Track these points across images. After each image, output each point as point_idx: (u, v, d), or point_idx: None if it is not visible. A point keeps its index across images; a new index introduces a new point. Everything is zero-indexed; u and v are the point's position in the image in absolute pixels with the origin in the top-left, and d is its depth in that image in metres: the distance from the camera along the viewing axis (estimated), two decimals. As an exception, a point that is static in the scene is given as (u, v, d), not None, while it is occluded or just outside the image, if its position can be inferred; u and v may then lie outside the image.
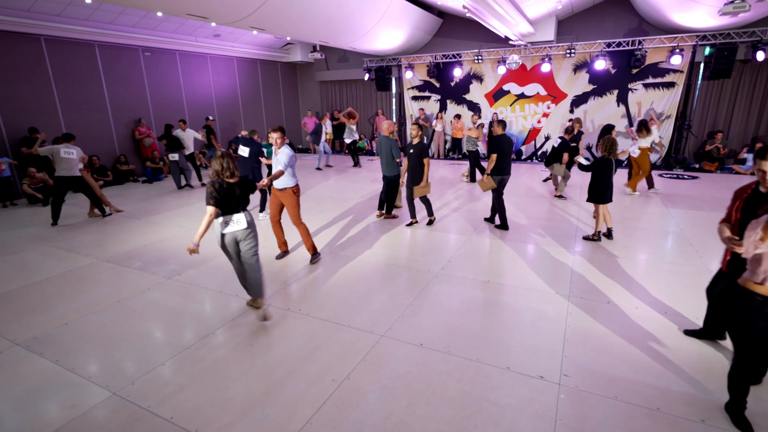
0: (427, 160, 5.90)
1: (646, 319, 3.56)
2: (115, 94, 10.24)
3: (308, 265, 4.88)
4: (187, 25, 10.73)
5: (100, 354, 3.26)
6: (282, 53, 14.64)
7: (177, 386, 2.85)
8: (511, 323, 3.54)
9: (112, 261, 5.15)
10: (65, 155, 6.52)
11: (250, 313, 3.81)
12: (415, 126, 5.87)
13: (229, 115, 13.42)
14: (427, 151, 6.03)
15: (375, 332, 3.44)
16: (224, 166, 3.40)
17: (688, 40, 9.83)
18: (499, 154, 5.77)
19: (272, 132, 4.64)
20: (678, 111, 10.49)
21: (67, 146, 6.58)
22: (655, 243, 5.38)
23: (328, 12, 8.57)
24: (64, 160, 6.52)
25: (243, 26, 8.33)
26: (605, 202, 5.29)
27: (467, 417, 2.51)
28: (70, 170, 6.59)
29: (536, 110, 12.03)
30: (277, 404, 2.65)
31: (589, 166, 5.37)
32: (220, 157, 3.43)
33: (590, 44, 10.78)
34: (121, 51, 10.23)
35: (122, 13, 9.32)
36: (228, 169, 3.41)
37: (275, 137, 4.63)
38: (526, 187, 8.91)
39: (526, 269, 4.67)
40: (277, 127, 4.67)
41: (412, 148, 5.88)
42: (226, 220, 3.46)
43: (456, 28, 12.50)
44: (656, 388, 2.71)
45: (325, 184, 9.64)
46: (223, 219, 3.45)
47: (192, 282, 4.48)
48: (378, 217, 6.72)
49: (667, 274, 4.45)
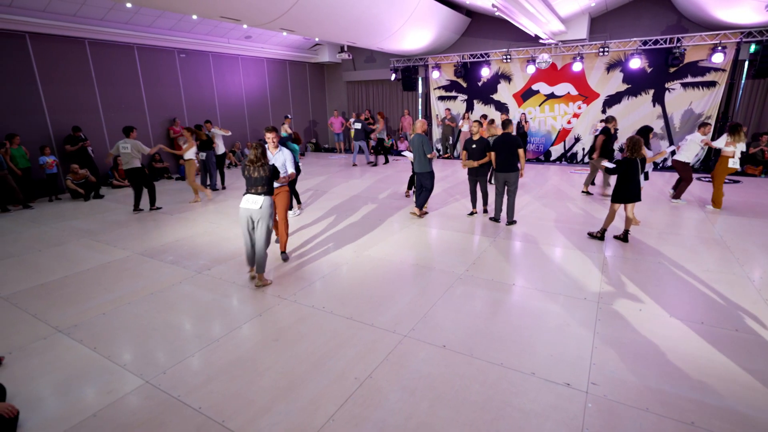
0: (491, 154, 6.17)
1: (680, 328, 3.41)
2: (152, 95, 10.68)
3: (330, 266, 4.93)
4: (221, 27, 11.06)
5: (134, 343, 3.41)
6: (310, 54, 14.86)
7: (206, 377, 2.94)
8: (536, 328, 3.47)
9: (146, 254, 5.37)
10: (123, 150, 7.03)
11: (275, 309, 3.90)
12: (476, 123, 6.50)
13: (259, 115, 13.73)
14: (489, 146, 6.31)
15: (398, 332, 3.45)
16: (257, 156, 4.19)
17: (732, 37, 9.34)
18: (496, 152, 5.99)
19: (267, 132, 4.70)
20: (719, 112, 9.98)
21: (124, 141, 7.07)
22: (693, 249, 5.14)
23: (356, 13, 8.64)
24: (122, 154, 7.08)
25: (273, 28, 8.51)
26: (629, 202, 5.23)
27: (490, 421, 2.48)
28: (127, 163, 7.09)
29: (566, 110, 11.72)
30: (301, 399, 2.70)
31: (615, 168, 5.28)
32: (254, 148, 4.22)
33: (625, 42, 10.40)
34: (158, 53, 10.65)
35: (160, 16, 9.70)
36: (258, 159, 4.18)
37: (270, 137, 4.69)
38: (555, 188, 8.70)
39: (554, 273, 4.56)
40: (271, 128, 4.76)
41: (474, 143, 6.33)
42: (245, 196, 4.19)
43: (484, 28, 12.33)
44: (690, 401, 2.60)
45: (351, 182, 9.72)
46: (244, 195, 4.20)
47: (221, 276, 4.62)
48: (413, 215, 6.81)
49: (705, 282, 4.24)
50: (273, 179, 4.25)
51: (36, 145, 8.58)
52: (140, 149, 7.10)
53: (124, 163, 7.14)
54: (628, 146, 5.15)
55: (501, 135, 6.03)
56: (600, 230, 5.48)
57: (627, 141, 5.19)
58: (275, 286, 4.37)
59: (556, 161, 12.13)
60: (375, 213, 7.07)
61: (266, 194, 4.17)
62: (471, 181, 6.70)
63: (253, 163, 4.17)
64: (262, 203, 4.11)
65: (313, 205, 7.68)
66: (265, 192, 4.17)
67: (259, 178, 4.15)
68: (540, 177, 9.98)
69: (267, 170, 4.18)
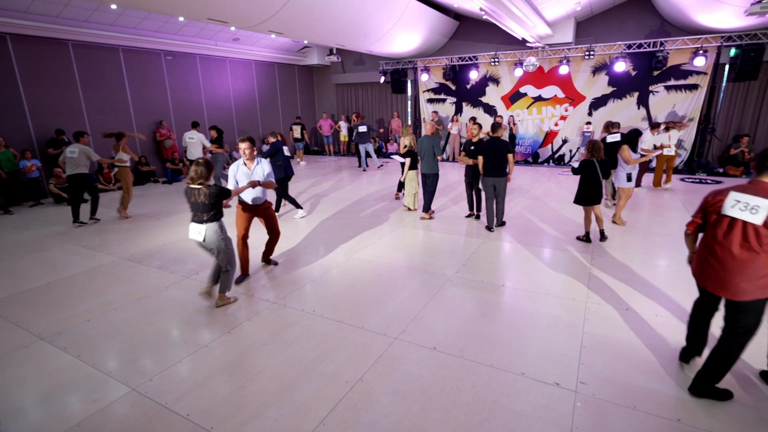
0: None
1: (666, 326, 3.47)
2: (138, 97, 10.53)
3: (320, 269, 4.90)
4: (208, 30, 10.97)
5: (120, 350, 3.34)
6: (299, 56, 14.81)
7: (193, 383, 2.90)
8: (526, 328, 3.50)
9: (133, 260, 5.28)
10: (70, 155, 6.56)
11: (265, 313, 3.86)
12: (477, 126, 6.60)
13: (247, 118, 13.64)
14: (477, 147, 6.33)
15: (389, 335, 3.44)
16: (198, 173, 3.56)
17: (713, 41, 9.57)
18: (484, 156, 5.95)
19: (241, 142, 4.32)
20: (701, 114, 10.21)
21: (73, 146, 6.62)
22: (676, 248, 5.24)
23: (345, 16, 8.65)
24: (68, 159, 6.56)
25: (262, 30, 8.46)
26: (588, 204, 5.33)
27: (481, 423, 2.49)
28: (72, 169, 6.59)
29: (554, 113, 11.87)
30: (291, 404, 2.68)
31: (576, 169, 5.43)
32: (196, 164, 3.58)
33: (610, 46, 10.59)
34: (144, 55, 10.51)
35: (146, 18, 9.58)
36: (199, 177, 3.56)
37: (244, 148, 4.30)
38: (543, 190, 8.79)
39: (542, 274, 4.60)
40: (246, 138, 4.36)
41: (473, 146, 6.29)
42: (191, 223, 3.74)
43: (472, 31, 12.44)
44: (678, 399, 2.64)
45: (341, 185, 9.70)
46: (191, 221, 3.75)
47: (209, 281, 4.56)
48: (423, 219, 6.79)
49: (689, 280, 4.32)
50: (218, 203, 3.66)
51: (18, 149, 8.39)
52: (89, 155, 6.69)
53: (68, 168, 6.59)
54: (588, 148, 5.30)
55: (490, 139, 5.93)
56: (585, 233, 5.54)
57: (587, 143, 5.34)
58: (265, 291, 4.33)
59: (544, 163, 12.27)
60: (365, 215, 7.06)
61: (211, 221, 3.63)
62: (468, 185, 6.64)
63: (194, 180, 3.53)
64: (205, 234, 3.61)
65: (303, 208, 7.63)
66: (209, 219, 3.62)
67: (200, 204, 3.57)
68: (529, 179, 10.08)
69: (207, 197, 3.54)
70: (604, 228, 5.52)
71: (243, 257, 4.58)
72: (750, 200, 2.34)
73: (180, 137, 11.36)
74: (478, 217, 6.70)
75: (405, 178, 7.09)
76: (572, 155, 11.87)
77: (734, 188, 2.47)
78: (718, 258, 2.49)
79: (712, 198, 2.57)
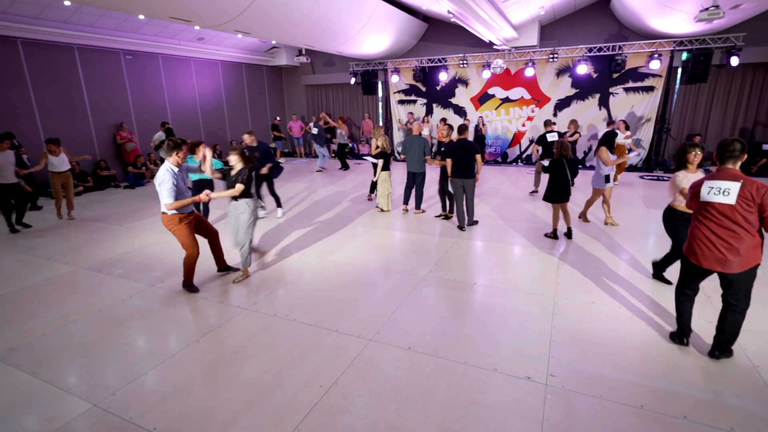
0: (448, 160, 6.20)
1: (629, 318, 3.62)
2: (96, 98, 10.04)
3: (293, 272, 4.83)
4: (170, 29, 10.60)
5: (80, 365, 3.16)
6: (267, 57, 14.56)
7: (161, 396, 2.78)
8: (498, 325, 3.57)
9: (92, 269, 5.02)
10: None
11: (236, 319, 3.76)
12: (447, 126, 6.80)
13: (214, 119, 13.27)
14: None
15: (363, 336, 3.42)
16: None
17: (666, 45, 10.11)
18: (453, 158, 5.99)
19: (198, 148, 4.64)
20: (657, 114, 10.76)
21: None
22: (637, 243, 5.49)
23: (313, 16, 8.56)
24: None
25: (227, 30, 8.26)
26: (558, 202, 5.50)
27: (456, 420, 2.51)
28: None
29: (521, 114, 12.20)
30: (265, 412, 2.61)
31: (546, 167, 5.60)
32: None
33: (572, 49, 10.99)
34: (101, 54, 10.04)
35: (102, 15, 9.16)
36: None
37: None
38: (512, 189, 9.01)
39: (513, 271, 4.71)
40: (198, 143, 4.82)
41: (443, 146, 6.44)
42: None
43: (441, 33, 12.61)
44: (641, 386, 2.76)
45: (313, 187, 9.60)
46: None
47: (176, 289, 4.39)
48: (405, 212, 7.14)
49: (649, 272, 4.54)
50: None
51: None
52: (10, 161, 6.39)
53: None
54: (556, 148, 5.47)
55: (457, 141, 5.97)
56: (552, 230, 5.71)
57: (556, 143, 5.51)
58: (236, 296, 4.21)
59: (512, 163, 12.59)
60: (338, 217, 7.02)
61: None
62: (441, 185, 6.66)
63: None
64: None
65: (274, 212, 7.50)
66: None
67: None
68: (499, 178, 10.31)
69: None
70: (570, 226, 5.71)
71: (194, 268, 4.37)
72: (721, 185, 2.70)
73: (143, 139, 10.95)
74: (448, 217, 6.78)
75: (378, 179, 7.09)
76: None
77: (706, 177, 2.82)
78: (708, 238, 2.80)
79: (694, 187, 2.89)
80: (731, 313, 2.85)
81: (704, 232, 2.82)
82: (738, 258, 2.70)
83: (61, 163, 7.03)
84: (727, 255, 2.72)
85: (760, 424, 2.42)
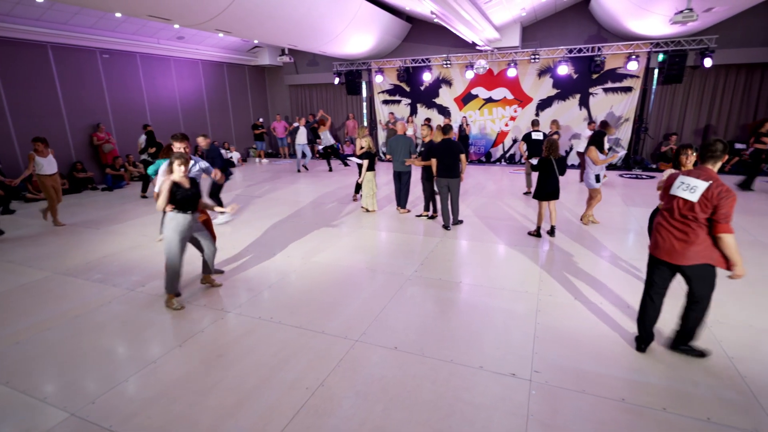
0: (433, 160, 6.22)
1: (610, 314, 3.70)
2: (71, 98, 9.75)
3: (278, 274, 4.78)
4: (149, 27, 10.37)
5: (56, 373, 3.07)
6: (249, 56, 14.39)
7: (142, 403, 2.72)
8: (483, 323, 3.60)
9: (69, 274, 4.87)
10: None
11: (220, 323, 3.70)
12: (425, 126, 6.84)
13: (195, 119, 13.04)
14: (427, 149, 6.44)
15: (349, 337, 3.41)
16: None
17: (643, 47, 10.37)
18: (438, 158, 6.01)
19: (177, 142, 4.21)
20: (636, 114, 11.03)
21: None
22: (617, 240, 5.61)
23: (296, 15, 8.50)
24: None
25: (208, 29, 8.13)
26: (547, 199, 5.60)
27: (442, 419, 2.52)
28: None
29: (504, 114, 12.35)
30: (250, 416, 2.58)
31: (535, 166, 5.70)
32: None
33: (553, 50, 11.18)
34: (76, 53, 9.76)
35: (77, 13, 8.90)
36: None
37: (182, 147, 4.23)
38: (497, 188, 9.11)
39: (497, 269, 4.76)
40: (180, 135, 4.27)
41: (424, 147, 6.54)
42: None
43: (425, 33, 12.67)
44: (621, 380, 2.82)
45: (297, 188, 9.52)
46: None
47: (157, 293, 4.29)
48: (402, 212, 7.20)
49: (629, 270, 4.65)
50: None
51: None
52: None
53: None
54: (546, 147, 5.55)
55: (441, 141, 6.00)
56: (536, 228, 5.80)
57: (546, 142, 5.60)
58: (220, 300, 4.15)
59: (496, 162, 12.72)
60: (323, 218, 6.98)
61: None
62: (424, 185, 6.73)
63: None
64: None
65: (259, 213, 7.42)
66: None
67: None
68: (483, 177, 10.41)
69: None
70: (555, 224, 5.79)
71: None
72: (691, 182, 2.78)
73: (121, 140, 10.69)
74: (432, 217, 6.80)
75: (363, 179, 7.08)
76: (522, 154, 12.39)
77: (683, 172, 2.93)
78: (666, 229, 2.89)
79: (668, 180, 3.01)
80: (690, 311, 2.92)
81: (663, 223, 2.92)
82: (689, 250, 2.75)
83: (49, 165, 6.66)
84: (677, 246, 2.80)
85: (735, 413, 2.50)
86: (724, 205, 2.61)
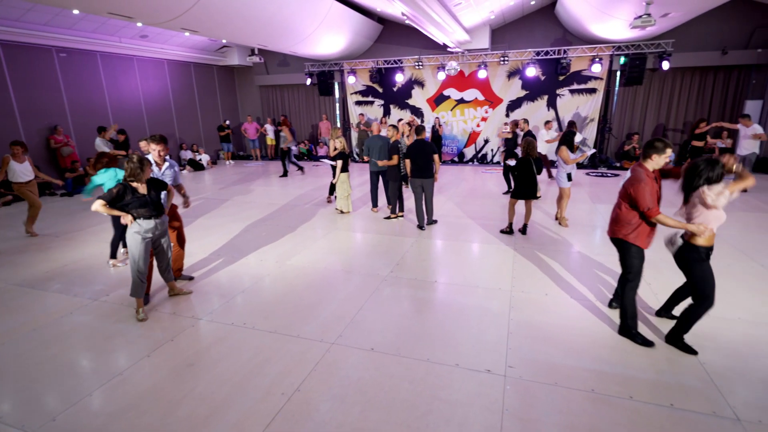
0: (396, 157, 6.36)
1: (580, 308, 3.82)
2: (25, 99, 9.22)
3: (251, 278, 4.68)
4: (110, 25, 9.95)
5: (13, 390, 2.88)
6: (218, 56, 14.05)
7: (107, 417, 2.59)
8: (458, 321, 3.64)
9: (26, 285, 4.60)
10: None
11: (190, 331, 3.58)
12: (391, 127, 6.70)
13: (161, 120, 12.61)
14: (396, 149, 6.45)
15: (325, 340, 3.37)
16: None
17: (606, 50, 10.80)
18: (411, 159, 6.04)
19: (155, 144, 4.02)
20: (600, 115, 11.46)
21: None
22: (585, 237, 5.80)
23: (266, 14, 8.35)
24: None
25: (173, 27, 7.87)
26: (525, 198, 5.75)
27: (419, 417, 2.53)
28: None
29: (475, 114, 12.56)
30: (223, 425, 2.50)
31: (514, 166, 5.82)
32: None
33: (521, 52, 11.47)
34: (30, 51, 9.23)
35: (30, 9, 8.43)
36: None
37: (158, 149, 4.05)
38: (470, 188, 9.25)
39: (471, 267, 4.83)
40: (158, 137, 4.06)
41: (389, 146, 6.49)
42: None
43: (396, 35, 12.73)
44: (591, 371, 2.91)
45: (270, 190, 9.35)
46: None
47: (123, 302, 4.12)
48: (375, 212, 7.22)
49: (598, 265, 4.81)
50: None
51: None
52: None
53: None
54: (523, 147, 5.69)
55: (414, 141, 6.03)
56: (507, 226, 5.93)
57: (523, 142, 5.73)
58: (191, 307, 4.01)
59: (468, 162, 12.93)
60: (297, 220, 6.88)
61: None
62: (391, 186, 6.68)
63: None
64: None
65: (231, 216, 7.24)
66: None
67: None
68: (456, 177, 10.55)
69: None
70: (528, 222, 5.93)
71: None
72: (627, 173, 3.26)
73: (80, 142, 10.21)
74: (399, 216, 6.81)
75: (337, 181, 7.03)
76: (494, 154, 12.66)
77: (637, 164, 3.27)
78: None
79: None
80: (622, 278, 3.29)
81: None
82: (611, 224, 3.32)
83: (24, 172, 6.16)
84: (610, 219, 3.36)
85: (696, 398, 2.63)
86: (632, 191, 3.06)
